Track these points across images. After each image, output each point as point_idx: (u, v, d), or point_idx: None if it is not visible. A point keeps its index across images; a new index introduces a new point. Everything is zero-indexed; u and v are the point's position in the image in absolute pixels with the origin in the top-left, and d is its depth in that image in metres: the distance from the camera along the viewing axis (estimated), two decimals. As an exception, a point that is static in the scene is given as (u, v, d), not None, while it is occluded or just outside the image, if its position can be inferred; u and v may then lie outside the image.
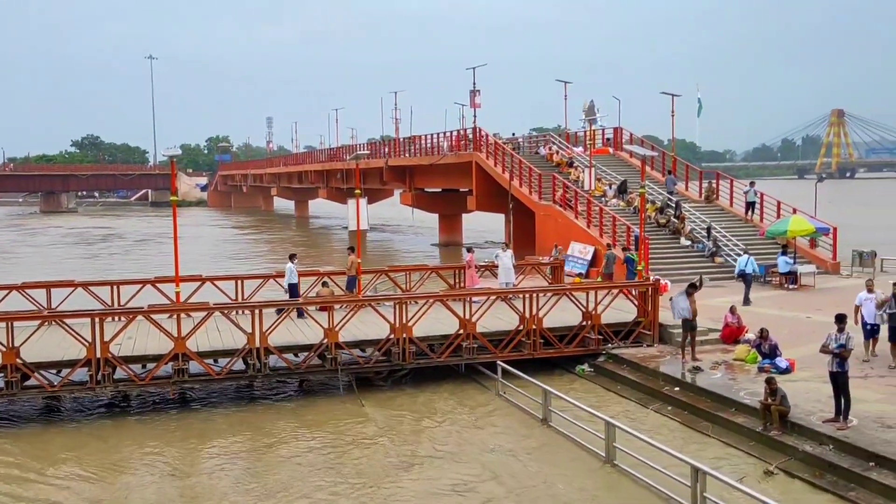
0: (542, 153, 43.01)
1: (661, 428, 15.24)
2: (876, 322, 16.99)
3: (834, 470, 12.26)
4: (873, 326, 17.08)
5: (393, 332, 18.14)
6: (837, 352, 13.32)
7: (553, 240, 31.20)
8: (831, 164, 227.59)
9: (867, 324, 17.14)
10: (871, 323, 17.07)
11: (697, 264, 29.78)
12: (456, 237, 55.49)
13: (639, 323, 20.08)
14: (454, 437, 15.21)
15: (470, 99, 47.77)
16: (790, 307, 23.52)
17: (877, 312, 16.92)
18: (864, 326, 17.18)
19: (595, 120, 43.98)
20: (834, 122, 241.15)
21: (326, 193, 77.16)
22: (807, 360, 16.77)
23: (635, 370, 18.35)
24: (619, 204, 33.74)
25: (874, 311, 16.93)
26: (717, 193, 36.38)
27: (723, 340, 19.35)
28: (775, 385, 14.00)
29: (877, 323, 16.99)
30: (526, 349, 19.06)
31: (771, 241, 30.33)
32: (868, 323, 17.14)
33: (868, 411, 13.76)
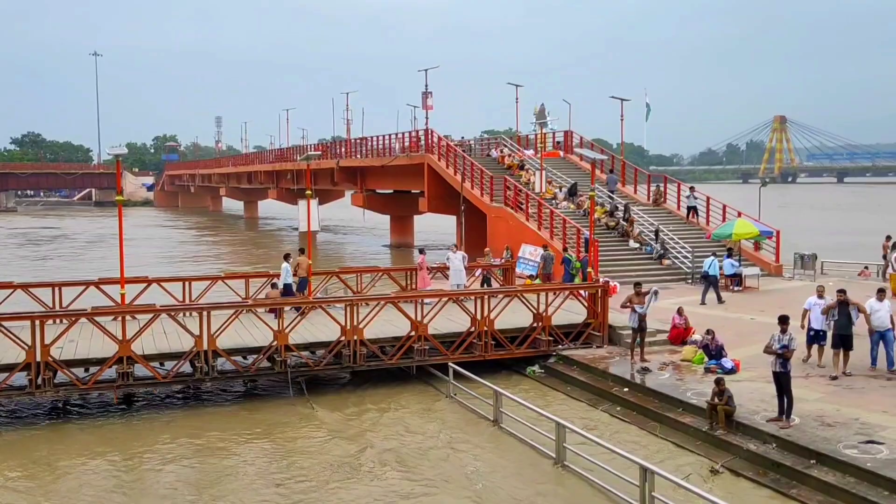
0: (493, 156, 43.22)
1: (610, 428, 15.39)
2: (822, 328, 16.85)
3: (777, 468, 12.52)
4: (818, 332, 16.99)
5: (344, 334, 18.02)
6: (780, 352, 13.61)
7: (504, 241, 31.34)
8: (774, 168, 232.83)
9: (812, 329, 17.12)
10: (817, 329, 16.99)
11: (646, 266, 30.23)
12: (408, 239, 55.43)
13: (589, 324, 20.27)
14: (405, 440, 15.15)
15: (422, 101, 47.73)
16: (735, 308, 23.98)
17: (822, 318, 16.80)
18: (809, 332, 17.21)
19: (546, 123, 44.37)
20: (776, 128, 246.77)
21: (276, 194, 76.43)
22: (751, 361, 17.12)
23: (585, 371, 18.53)
24: (570, 206, 34.08)
25: (821, 316, 16.84)
26: (665, 197, 36.97)
27: (670, 341, 19.64)
28: (723, 385, 14.26)
29: (823, 329, 16.85)
30: (477, 351, 19.10)
31: (717, 244, 30.89)
32: (813, 328, 17.10)
33: (809, 410, 14.09)
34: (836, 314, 16.32)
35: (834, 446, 12.43)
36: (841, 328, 16.19)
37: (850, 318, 16.10)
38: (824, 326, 16.78)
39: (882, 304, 16.35)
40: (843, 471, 11.85)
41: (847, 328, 16.12)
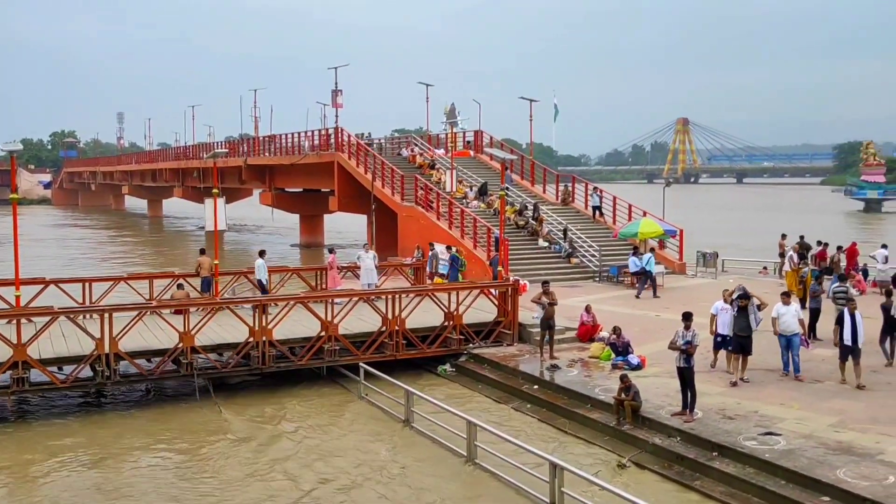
0: (404, 155, 43.14)
1: (521, 425, 15.51)
2: (729, 333, 16.33)
3: (681, 461, 12.85)
4: (726, 338, 16.53)
5: (252, 335, 17.62)
6: (684, 348, 13.98)
7: (415, 241, 31.31)
8: (678, 169, 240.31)
9: (720, 335, 16.69)
10: (725, 334, 16.52)
11: (554, 265, 30.69)
12: (317, 238, 54.80)
13: (499, 323, 20.41)
14: (315, 442, 14.91)
15: (332, 99, 47.29)
16: (641, 306, 24.59)
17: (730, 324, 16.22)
18: (717, 337, 16.81)
19: (456, 123, 44.58)
20: (679, 129, 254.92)
21: (182, 192, 74.40)
22: (656, 357, 17.56)
23: (496, 369, 18.64)
24: (480, 206, 34.30)
25: (728, 321, 16.36)
26: (573, 196, 37.64)
27: (579, 339, 19.97)
28: (629, 381, 14.56)
29: (729, 334, 16.30)
30: (388, 350, 18.98)
31: (623, 242, 31.63)
32: (721, 334, 16.66)
33: (711, 404, 14.52)
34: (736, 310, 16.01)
35: (734, 438, 12.83)
36: (740, 330, 15.87)
37: (749, 320, 15.86)
38: (730, 331, 16.31)
39: (788, 308, 16.18)
40: (743, 462, 12.24)
41: (746, 330, 15.84)
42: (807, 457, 11.93)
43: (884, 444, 12.36)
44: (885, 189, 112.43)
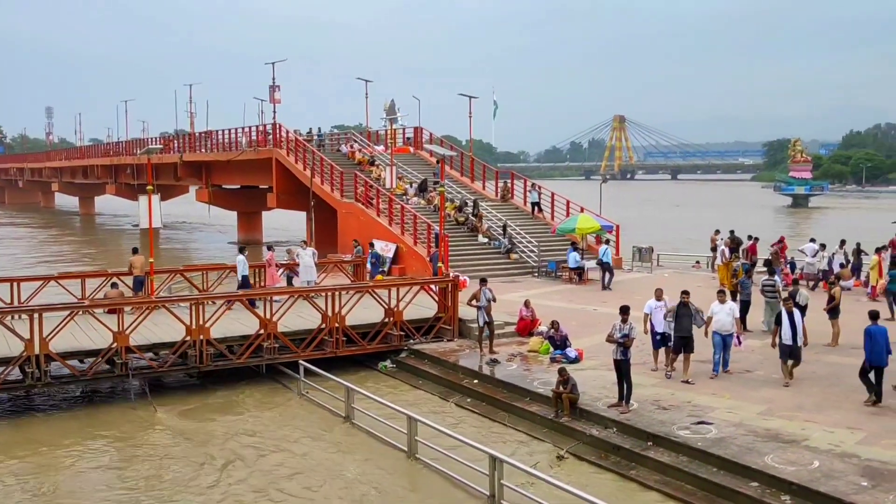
0: (343, 151, 42.91)
1: (461, 420, 15.64)
2: (665, 331, 16.24)
3: (617, 451, 13.13)
4: (663, 335, 16.38)
5: (189, 333, 17.36)
6: (621, 341, 14.27)
7: (355, 237, 31.20)
8: (614, 166, 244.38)
9: (657, 333, 16.44)
10: (661, 332, 16.38)
11: (494, 261, 30.94)
12: (256, 235, 54.13)
13: (439, 318, 20.51)
14: (254, 441, 14.78)
15: (270, 94, 46.73)
16: (578, 300, 24.96)
17: (666, 321, 16.16)
18: (654, 336, 16.52)
19: (396, 119, 44.48)
20: (616, 126, 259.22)
21: (115, 189, 72.60)
22: (594, 350, 17.87)
23: (436, 365, 18.73)
24: (420, 202, 34.36)
25: (663, 319, 16.26)
26: (512, 193, 37.97)
27: (518, 333, 20.19)
28: (567, 375, 14.79)
29: (666, 331, 16.22)
30: (328, 348, 18.91)
31: (561, 238, 32.05)
32: (658, 332, 16.45)
33: (647, 395, 14.86)
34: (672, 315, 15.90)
35: (669, 428, 13.16)
36: (682, 330, 15.71)
37: (691, 319, 15.73)
38: (666, 329, 16.21)
39: (723, 306, 16.19)
40: (676, 451, 12.57)
41: (688, 330, 15.69)
42: (737, 444, 12.31)
43: (809, 430, 12.83)
44: (811, 185, 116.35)
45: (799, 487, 10.83)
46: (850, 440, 12.36)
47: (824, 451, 11.95)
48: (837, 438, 12.44)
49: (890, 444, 12.17)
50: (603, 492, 11.51)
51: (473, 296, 18.72)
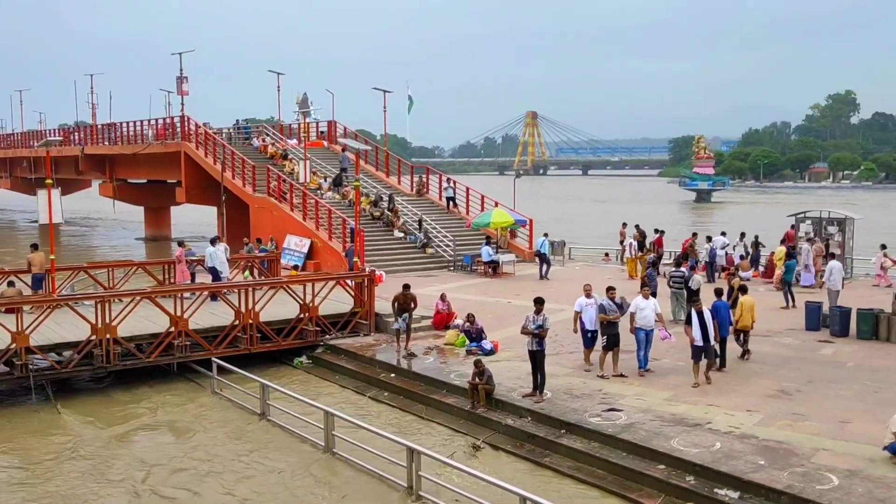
0: (255, 144, 42.19)
1: (379, 414, 15.70)
2: (596, 328, 16.08)
3: (532, 439, 13.44)
4: (593, 333, 16.19)
5: (95, 332, 16.85)
6: (536, 332, 14.56)
7: (269, 233, 30.81)
8: (528, 161, 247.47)
9: (588, 331, 16.23)
10: (592, 329, 16.17)
11: (410, 255, 31.06)
12: (164, 231, 52.79)
13: (356, 313, 20.48)
14: (165, 441, 14.50)
15: (177, 86, 45.43)
16: (493, 293, 25.31)
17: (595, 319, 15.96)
18: (585, 334, 16.29)
19: (309, 112, 43.97)
20: (529, 122, 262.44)
21: (10, 184, 69.64)
22: (508, 342, 18.18)
23: (353, 359, 18.72)
24: (335, 197, 34.15)
25: (594, 316, 15.99)
26: (428, 187, 38.14)
27: (434, 327, 20.36)
28: (482, 366, 15.02)
29: (597, 329, 16.07)
30: (242, 344, 18.67)
31: (476, 232, 32.40)
32: (588, 330, 16.22)
33: (560, 384, 15.22)
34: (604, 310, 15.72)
35: (581, 416, 13.54)
36: (614, 326, 15.68)
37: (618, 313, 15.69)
38: (597, 326, 16.01)
39: (648, 302, 16.07)
40: (588, 437, 12.95)
41: (616, 326, 15.73)
42: (645, 429, 12.77)
43: (711, 414, 13.41)
44: (713, 180, 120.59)
45: (702, 468, 11.34)
46: (749, 422, 12.99)
47: (725, 433, 12.53)
48: (737, 421, 13.05)
49: (784, 424, 12.85)
50: (518, 479, 11.75)
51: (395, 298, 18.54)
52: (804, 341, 18.72)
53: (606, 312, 15.68)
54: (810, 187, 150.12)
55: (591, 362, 16.38)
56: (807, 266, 26.49)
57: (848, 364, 16.62)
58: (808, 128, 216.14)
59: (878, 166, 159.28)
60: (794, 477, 10.82)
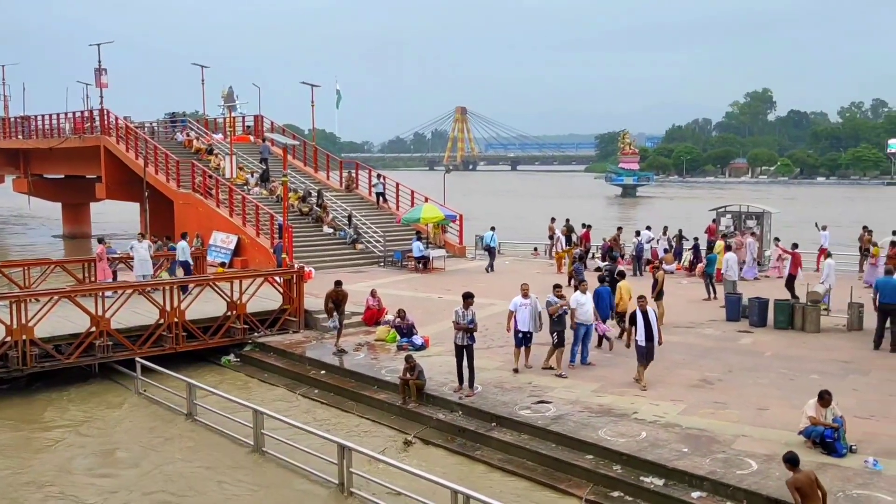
0: (179, 139, 41.27)
1: (309, 411, 15.56)
2: (530, 329, 15.78)
3: (463, 433, 13.52)
4: (526, 334, 15.82)
5: (10, 334, 16.24)
6: (470, 326, 14.64)
7: (194, 229, 30.17)
8: (457, 157, 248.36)
9: (520, 332, 15.79)
10: (525, 330, 15.77)
11: (340, 251, 30.87)
12: (84, 228, 51.21)
13: (285, 310, 20.26)
14: (88, 444, 14.07)
15: (96, 78, 44.05)
16: (424, 288, 25.35)
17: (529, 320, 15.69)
18: (517, 334, 15.85)
19: (235, 107, 43.33)
20: (458, 118, 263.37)
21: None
22: (439, 337, 18.24)
23: (282, 357, 18.53)
24: (262, 192, 33.67)
25: (528, 317, 15.70)
26: (357, 183, 37.94)
27: (365, 323, 20.28)
28: (413, 362, 15.04)
29: (531, 330, 15.79)
30: (168, 344, 18.26)
31: (407, 228, 32.38)
32: (521, 331, 15.78)
33: (490, 378, 15.36)
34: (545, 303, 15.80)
35: (511, 409, 13.69)
36: (560, 322, 15.67)
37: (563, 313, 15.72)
38: (531, 328, 15.81)
39: (587, 296, 16.10)
40: (518, 430, 13.10)
41: (564, 322, 15.71)
42: (573, 420, 13.00)
43: (637, 404, 13.73)
44: (639, 176, 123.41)
45: (629, 457, 11.59)
46: (673, 411, 13.34)
47: (651, 422, 12.84)
48: (662, 410, 13.39)
49: (706, 412, 13.24)
50: (450, 473, 11.82)
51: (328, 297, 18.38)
52: (725, 332, 19.32)
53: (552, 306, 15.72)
54: (730, 182, 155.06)
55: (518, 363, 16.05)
56: (754, 259, 27.25)
57: (766, 353, 17.22)
58: (728, 125, 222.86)
59: (793, 162, 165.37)
60: (716, 463, 11.16)
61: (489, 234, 30.70)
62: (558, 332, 15.62)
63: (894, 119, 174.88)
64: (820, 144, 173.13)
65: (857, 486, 10.33)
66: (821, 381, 13.89)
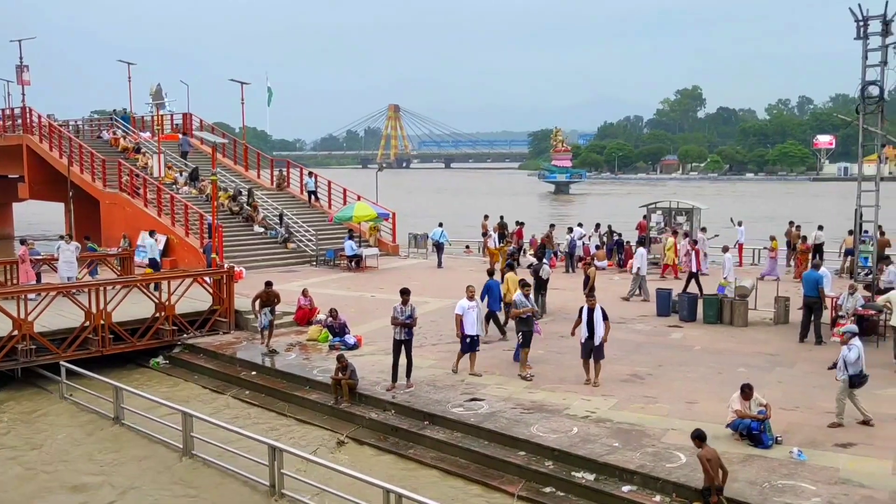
0: (105, 137, 40.18)
1: (240, 413, 15.34)
2: (478, 333, 15.61)
3: (395, 432, 13.51)
4: (474, 339, 15.51)
5: (-75, 339, 15.61)
6: (408, 321, 14.65)
7: (121, 230, 29.46)
8: (391, 154, 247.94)
9: (468, 336, 15.35)
10: (473, 335, 15.44)
11: (271, 251, 30.52)
12: (6, 229, 49.50)
13: (215, 311, 19.93)
14: (11, 453, 13.60)
15: (17, 75, 42.57)
16: (357, 287, 25.24)
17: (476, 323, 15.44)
18: (465, 339, 15.36)
19: (163, 105, 42.31)
20: (391, 115, 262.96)
21: None
22: (372, 335, 18.20)
23: (213, 358, 18.23)
24: (192, 191, 33.04)
25: (475, 321, 15.44)
26: (288, 181, 37.54)
27: (297, 322, 20.09)
28: (345, 361, 14.96)
29: (478, 334, 15.63)
30: (94, 346, 17.78)
31: (339, 226, 32.18)
32: (469, 335, 15.37)
33: (423, 376, 15.37)
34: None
35: (444, 407, 13.72)
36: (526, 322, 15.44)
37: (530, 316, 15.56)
38: (480, 331, 15.75)
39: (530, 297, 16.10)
40: (451, 428, 13.14)
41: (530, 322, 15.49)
42: (506, 417, 13.10)
43: (569, 400, 13.92)
44: (571, 173, 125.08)
45: (560, 453, 11.74)
46: (605, 406, 13.56)
47: (582, 417, 13.03)
48: (594, 406, 13.60)
49: (637, 407, 13.50)
50: (382, 472, 11.80)
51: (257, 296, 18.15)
52: (655, 327, 19.73)
53: (518, 307, 15.53)
54: (662, 178, 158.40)
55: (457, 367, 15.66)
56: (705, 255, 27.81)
57: (695, 347, 17.65)
58: (659, 121, 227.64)
59: (722, 158, 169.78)
60: (646, 457, 11.39)
61: (438, 230, 30.92)
62: (524, 333, 15.47)
63: (820, 116, 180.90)
64: (748, 141, 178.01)
65: (783, 476, 10.65)
66: (748, 375, 14.26)
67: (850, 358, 12.46)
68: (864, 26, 18.12)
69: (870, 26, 18.07)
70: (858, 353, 12.52)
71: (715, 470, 9.94)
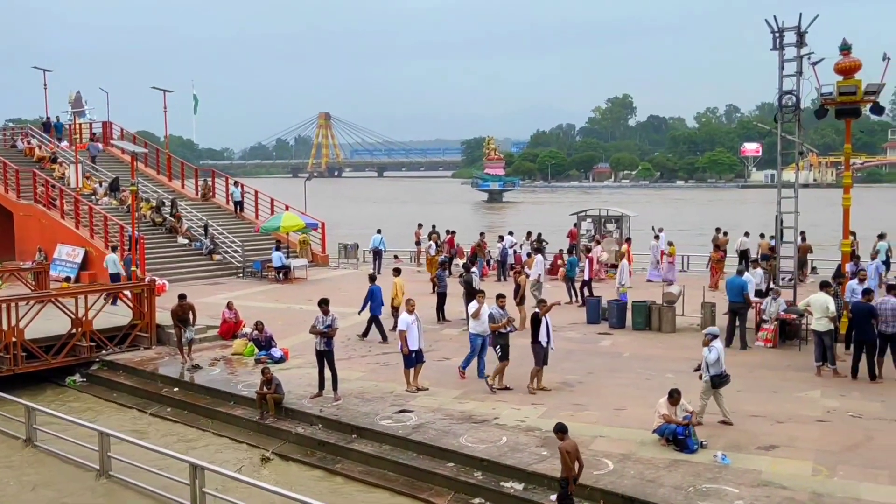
0: (20, 147, 38.65)
1: (161, 431, 14.83)
2: (421, 346, 15.14)
3: (323, 446, 13.21)
4: (419, 353, 15.04)
5: None
6: (325, 331, 14.37)
7: (37, 242, 28.38)
8: (322, 163, 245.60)
9: (413, 351, 14.83)
10: (416, 349, 14.94)
11: (196, 262, 29.80)
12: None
13: (135, 326, 19.26)
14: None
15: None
16: (284, 299, 24.77)
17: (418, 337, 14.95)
18: (411, 354, 14.82)
19: (83, 113, 41.06)
20: (322, 124, 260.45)
21: None
22: (299, 348, 17.83)
23: (132, 375, 17.61)
24: (112, 202, 32.01)
25: (418, 335, 14.97)
26: (214, 191, 36.75)
27: (221, 336, 19.58)
28: (270, 374, 14.59)
29: (421, 348, 15.19)
30: (6, 365, 16.99)
31: (266, 237, 31.61)
32: (413, 350, 14.85)
33: (352, 388, 15.09)
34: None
35: (372, 419, 13.48)
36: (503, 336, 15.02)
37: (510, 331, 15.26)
38: (423, 345, 15.32)
39: (485, 308, 15.48)
40: (380, 441, 12.91)
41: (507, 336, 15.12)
42: (435, 428, 12.93)
43: (498, 409, 13.82)
44: (504, 181, 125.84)
45: (489, 463, 11.62)
46: (534, 415, 13.50)
47: (511, 427, 12.94)
48: (523, 415, 13.52)
49: (566, 415, 13.39)
50: (309, 488, 11.53)
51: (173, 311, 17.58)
52: (585, 334, 19.82)
53: (496, 321, 14.97)
54: (594, 186, 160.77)
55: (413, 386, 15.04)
56: (656, 262, 28.03)
57: (624, 354, 17.77)
58: (591, 129, 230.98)
59: (653, 166, 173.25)
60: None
61: (377, 237, 30.49)
62: (502, 346, 15.02)
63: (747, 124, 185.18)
64: (678, 149, 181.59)
65: (707, 480, 10.73)
66: (676, 380, 14.29)
67: (711, 359, 12.83)
68: (780, 37, 18.54)
69: (785, 37, 18.51)
70: (718, 354, 12.86)
71: (573, 462, 10.12)
